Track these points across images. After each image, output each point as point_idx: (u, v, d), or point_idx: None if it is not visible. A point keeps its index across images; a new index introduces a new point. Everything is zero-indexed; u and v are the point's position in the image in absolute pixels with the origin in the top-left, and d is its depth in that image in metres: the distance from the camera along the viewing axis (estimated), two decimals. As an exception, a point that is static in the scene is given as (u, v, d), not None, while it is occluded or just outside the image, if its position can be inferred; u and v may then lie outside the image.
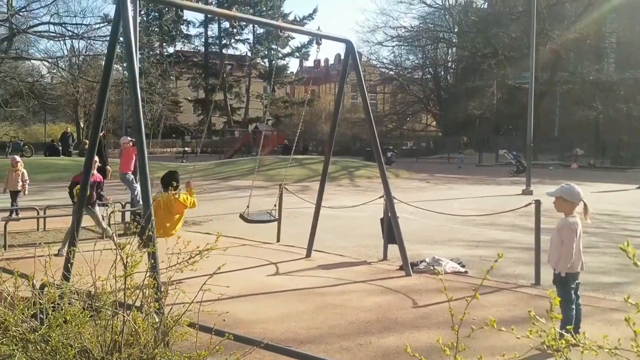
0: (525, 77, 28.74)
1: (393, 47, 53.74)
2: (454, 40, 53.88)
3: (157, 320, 3.47)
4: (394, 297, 6.75)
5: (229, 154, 43.21)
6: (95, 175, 9.22)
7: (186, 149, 45.83)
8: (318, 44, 8.11)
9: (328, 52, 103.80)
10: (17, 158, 12.79)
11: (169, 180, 7.09)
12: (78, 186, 7.60)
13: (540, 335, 2.18)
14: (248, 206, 8.59)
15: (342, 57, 9.48)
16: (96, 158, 9.36)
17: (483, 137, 46.02)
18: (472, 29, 48.33)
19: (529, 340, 2.18)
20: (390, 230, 8.40)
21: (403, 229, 8.33)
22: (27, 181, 12.47)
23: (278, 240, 10.23)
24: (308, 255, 9.04)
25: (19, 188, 12.19)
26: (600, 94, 38.19)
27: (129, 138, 11.98)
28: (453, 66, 56.78)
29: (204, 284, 3.45)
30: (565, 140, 40.80)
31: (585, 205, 5.19)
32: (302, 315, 5.95)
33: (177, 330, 3.46)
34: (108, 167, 13.76)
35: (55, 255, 8.68)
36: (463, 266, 8.23)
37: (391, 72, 55.70)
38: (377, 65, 55.33)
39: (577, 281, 5.24)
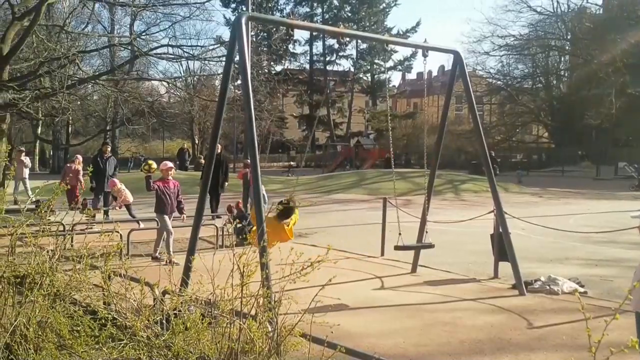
0: (648, 85, 26.70)
1: (501, 56, 51.99)
2: (567, 47, 51.20)
3: (270, 329, 3.55)
4: (506, 316, 6.47)
5: (331, 167, 43.74)
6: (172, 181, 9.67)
7: (291, 163, 46.93)
8: (425, 56, 8.03)
9: (431, 64, 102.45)
10: (115, 181, 13.51)
11: (285, 214, 7.08)
12: None
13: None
14: (400, 233, 8.35)
15: (447, 69, 9.32)
16: (170, 164, 9.90)
17: (601, 149, 43.17)
18: (587, 36, 45.66)
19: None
20: (502, 247, 8.08)
21: (515, 246, 7.98)
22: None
23: (382, 254, 10.16)
24: (413, 270, 8.90)
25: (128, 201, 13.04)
26: None
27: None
28: (566, 74, 53.91)
29: (316, 295, 3.50)
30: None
31: None
32: (410, 331, 5.84)
33: (290, 340, 3.52)
34: (226, 182, 14.66)
35: (154, 259, 9.22)
36: (582, 286, 7.73)
37: (499, 82, 53.86)
38: (484, 76, 53.75)
39: None
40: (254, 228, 6.87)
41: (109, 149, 15.27)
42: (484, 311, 6.68)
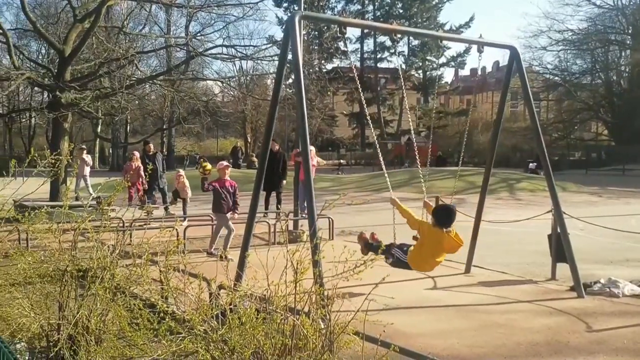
0: None
1: (558, 51, 50.41)
2: (628, 42, 49.13)
3: (322, 326, 3.57)
4: (564, 319, 6.28)
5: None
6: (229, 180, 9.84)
7: (341, 161, 46.92)
8: (480, 51, 7.88)
9: (485, 60, 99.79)
10: (180, 172, 14.06)
11: (446, 217, 6.23)
12: None
13: None
14: None
15: (501, 65, 9.12)
16: (226, 163, 10.05)
17: (664, 147, 41.28)
18: (650, 29, 43.75)
19: None
20: (560, 248, 7.84)
21: (573, 247, 7.73)
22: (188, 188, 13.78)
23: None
24: (467, 270, 8.74)
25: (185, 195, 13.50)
26: None
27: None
28: (627, 70, 51.77)
29: (369, 293, 3.50)
30: None
31: None
32: (463, 332, 5.76)
33: (343, 338, 3.53)
34: (284, 180, 14.65)
35: (209, 254, 9.40)
36: (645, 289, 7.43)
37: (556, 78, 52.24)
38: (541, 72, 52.26)
39: None
40: (411, 247, 6.45)
41: (152, 146, 15.71)
42: (540, 313, 6.51)
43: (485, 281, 8.08)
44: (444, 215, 6.20)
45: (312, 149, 12.39)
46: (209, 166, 9.98)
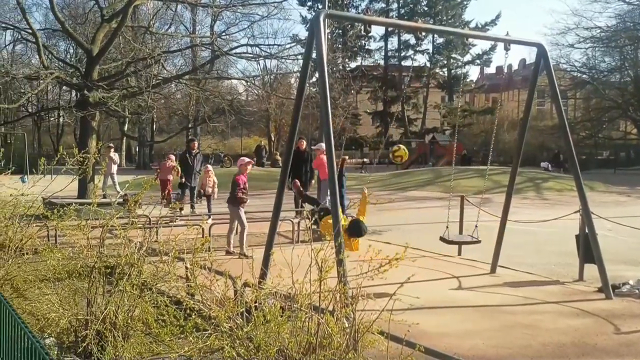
0: None
1: (586, 49, 49.44)
2: (659, 39, 48.02)
3: (346, 325, 3.57)
4: (592, 320, 6.18)
5: (405, 164, 43.23)
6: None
7: (365, 159, 46.76)
8: (507, 49, 7.79)
9: (511, 58, 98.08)
10: (209, 167, 14.37)
11: (355, 232, 7.08)
12: None
13: None
14: (447, 227, 8.53)
15: (528, 62, 9.00)
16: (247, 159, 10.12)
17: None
18: (681, 26, 42.68)
19: None
20: (587, 248, 7.71)
21: (601, 247, 7.60)
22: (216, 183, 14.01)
23: (459, 254, 9.96)
24: (493, 271, 8.67)
25: (210, 192, 13.71)
26: None
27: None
28: (658, 67, 50.60)
29: (394, 293, 3.49)
30: None
31: None
32: (489, 333, 5.71)
33: (367, 337, 3.53)
34: (312, 180, 14.58)
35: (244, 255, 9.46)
36: (676, 292, 7.27)
37: (584, 76, 51.28)
38: (568, 69, 51.37)
39: None
40: (325, 218, 7.22)
41: (197, 144, 15.86)
42: (567, 314, 6.42)
43: (511, 281, 8.00)
44: (353, 231, 7.01)
45: (322, 147, 12.34)
46: (404, 151, 8.64)
